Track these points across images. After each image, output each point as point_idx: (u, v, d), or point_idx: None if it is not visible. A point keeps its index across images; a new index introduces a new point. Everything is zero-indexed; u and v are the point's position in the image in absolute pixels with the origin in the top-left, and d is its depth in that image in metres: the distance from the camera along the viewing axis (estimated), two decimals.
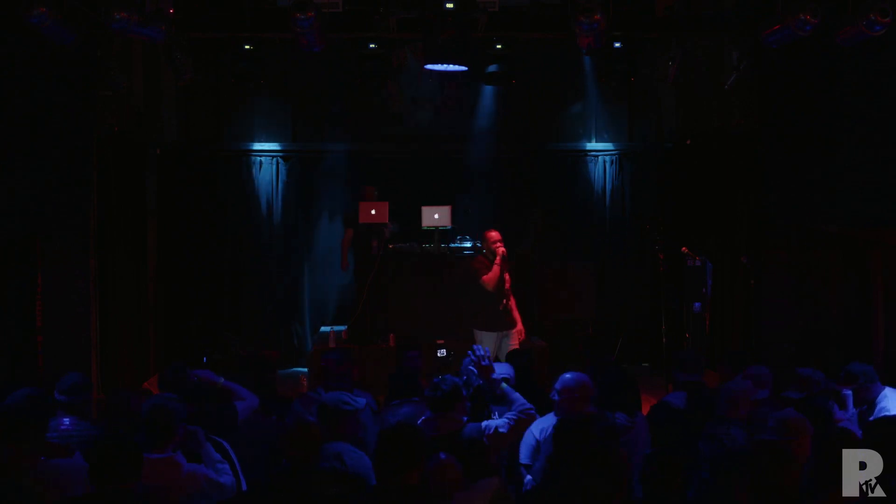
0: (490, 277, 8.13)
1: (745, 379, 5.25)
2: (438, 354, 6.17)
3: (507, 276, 8.22)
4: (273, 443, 4.46)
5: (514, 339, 8.21)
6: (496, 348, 8.03)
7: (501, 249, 8.17)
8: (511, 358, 6.15)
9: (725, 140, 9.24)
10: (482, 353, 5.31)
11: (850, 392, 5.34)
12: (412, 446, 3.76)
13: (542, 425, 4.93)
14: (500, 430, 4.86)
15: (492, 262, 8.17)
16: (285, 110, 10.85)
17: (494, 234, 8.29)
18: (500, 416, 5.11)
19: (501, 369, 5.66)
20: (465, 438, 4.63)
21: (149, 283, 9.79)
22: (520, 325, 8.35)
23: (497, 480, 3.89)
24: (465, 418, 4.84)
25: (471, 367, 5.31)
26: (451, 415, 4.74)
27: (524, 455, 4.89)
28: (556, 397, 4.97)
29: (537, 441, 4.86)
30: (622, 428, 4.76)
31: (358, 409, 4.65)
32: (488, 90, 10.35)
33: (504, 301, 8.21)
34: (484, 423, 4.88)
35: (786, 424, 4.15)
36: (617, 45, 7.89)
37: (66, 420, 4.54)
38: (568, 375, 5.01)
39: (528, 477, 4.79)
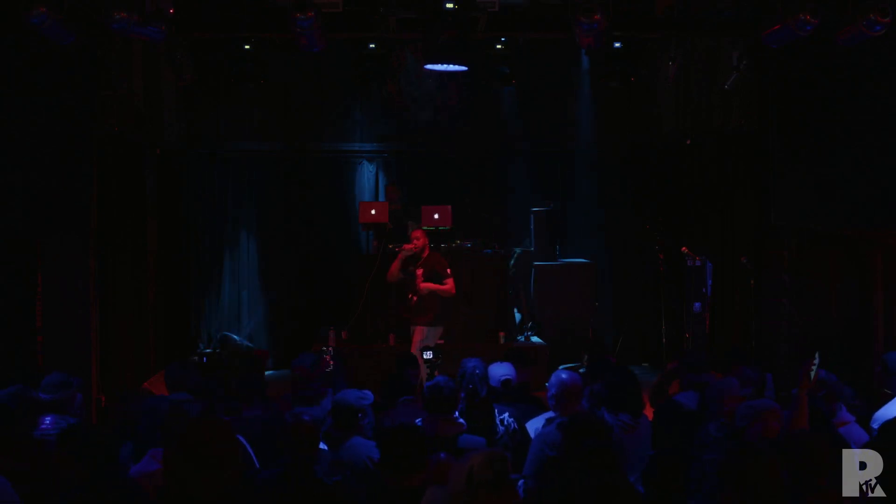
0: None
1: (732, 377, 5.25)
2: (425, 356, 6.11)
3: (417, 272, 8.24)
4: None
5: (418, 336, 8.20)
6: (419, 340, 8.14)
7: (406, 246, 8.36)
8: (510, 357, 6.14)
9: (725, 140, 9.23)
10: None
11: None
12: (416, 447, 3.69)
13: (536, 425, 4.95)
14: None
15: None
16: (285, 110, 10.84)
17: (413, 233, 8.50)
18: (508, 416, 5.09)
19: (503, 370, 5.64)
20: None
21: (149, 283, 9.78)
22: (419, 326, 8.29)
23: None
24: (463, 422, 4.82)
25: (477, 373, 5.22)
26: (450, 417, 4.72)
27: None
28: (552, 397, 4.97)
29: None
30: (626, 427, 4.75)
31: (370, 403, 4.75)
32: (488, 90, 10.34)
33: (410, 295, 8.31)
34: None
35: (750, 410, 4.29)
36: (617, 45, 7.90)
37: (48, 419, 4.53)
38: (564, 375, 5.02)
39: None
